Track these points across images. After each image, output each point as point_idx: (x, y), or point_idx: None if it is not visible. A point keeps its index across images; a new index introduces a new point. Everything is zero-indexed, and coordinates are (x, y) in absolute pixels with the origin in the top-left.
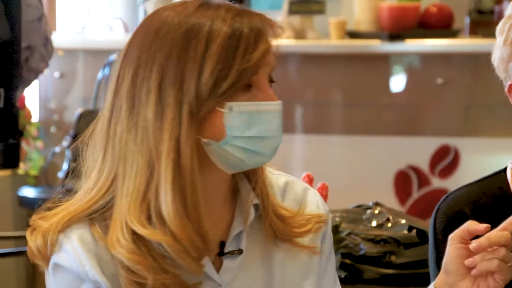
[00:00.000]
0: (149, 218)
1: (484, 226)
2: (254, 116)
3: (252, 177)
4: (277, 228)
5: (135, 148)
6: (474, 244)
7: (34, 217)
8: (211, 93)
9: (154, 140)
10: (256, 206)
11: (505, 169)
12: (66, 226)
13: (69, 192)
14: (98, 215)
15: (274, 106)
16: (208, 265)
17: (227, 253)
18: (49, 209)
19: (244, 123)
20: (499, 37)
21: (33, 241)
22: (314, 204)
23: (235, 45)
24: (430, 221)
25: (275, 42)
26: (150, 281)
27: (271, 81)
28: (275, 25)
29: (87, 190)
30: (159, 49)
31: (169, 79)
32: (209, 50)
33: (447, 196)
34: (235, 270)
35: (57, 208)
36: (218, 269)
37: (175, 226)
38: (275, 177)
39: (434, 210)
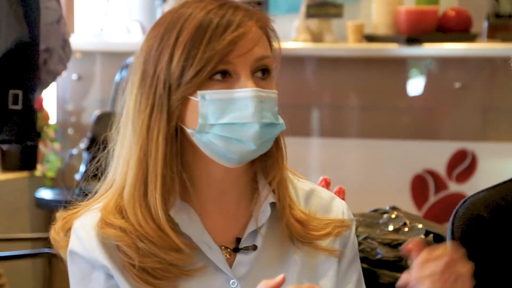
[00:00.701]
0: (122, 209)
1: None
2: (227, 104)
3: (269, 174)
4: (295, 231)
5: (125, 137)
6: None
7: (60, 213)
8: (179, 82)
9: (132, 130)
10: (273, 205)
11: None
12: (81, 215)
13: (92, 193)
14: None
15: (246, 92)
16: (219, 259)
17: (242, 249)
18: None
19: (218, 110)
20: None
21: (56, 232)
22: (340, 211)
23: (202, 34)
24: (448, 225)
25: (260, 34)
26: (137, 262)
27: (263, 71)
28: (259, 17)
29: (105, 184)
30: (148, 42)
31: (148, 70)
32: (179, 38)
33: (465, 201)
34: (248, 265)
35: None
36: (231, 264)
37: (131, 214)
38: (302, 183)
39: (452, 214)
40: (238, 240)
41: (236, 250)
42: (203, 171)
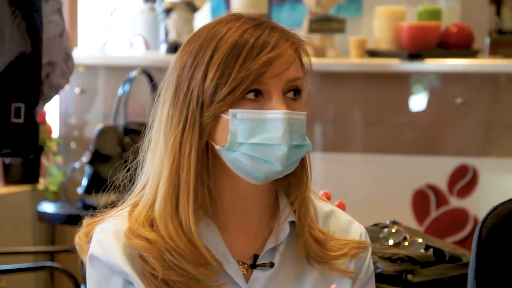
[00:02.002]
0: (152, 222)
1: None
2: (258, 124)
3: (291, 193)
4: (312, 250)
5: (156, 150)
6: None
7: (85, 220)
8: (212, 100)
9: (164, 145)
10: (292, 223)
11: None
12: (104, 221)
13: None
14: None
15: (277, 114)
16: (236, 273)
17: (259, 266)
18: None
19: (248, 129)
20: None
21: (79, 238)
22: (358, 234)
23: (238, 53)
24: (475, 232)
25: (294, 56)
26: (160, 274)
27: (294, 91)
28: (294, 39)
29: (133, 193)
30: (182, 58)
31: (181, 86)
32: (214, 56)
33: (495, 208)
34: (264, 282)
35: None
36: (247, 280)
37: (162, 227)
38: (322, 204)
39: (480, 221)
40: (256, 256)
41: (253, 266)
42: (229, 187)
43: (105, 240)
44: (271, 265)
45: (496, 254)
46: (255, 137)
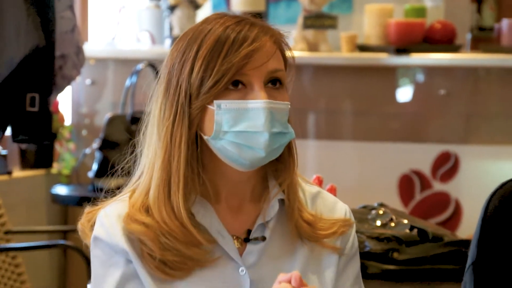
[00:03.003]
0: (148, 208)
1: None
2: (241, 113)
3: (279, 176)
4: (304, 231)
5: (152, 141)
6: None
7: (87, 208)
8: (198, 92)
9: (157, 135)
10: (281, 202)
11: None
12: (107, 205)
13: (118, 191)
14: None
15: (258, 104)
16: (231, 247)
17: (252, 240)
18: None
19: (232, 119)
20: None
21: (82, 224)
22: (343, 212)
23: (220, 48)
24: (482, 209)
25: (274, 48)
26: (158, 255)
27: (274, 81)
28: (273, 33)
29: (131, 183)
30: (172, 55)
31: (171, 81)
32: (199, 52)
33: (503, 184)
34: (256, 254)
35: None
36: (241, 253)
37: (156, 212)
38: (309, 186)
39: (487, 198)
40: (249, 232)
41: (246, 240)
42: (219, 173)
43: (108, 223)
44: (263, 238)
45: (500, 227)
46: (239, 125)
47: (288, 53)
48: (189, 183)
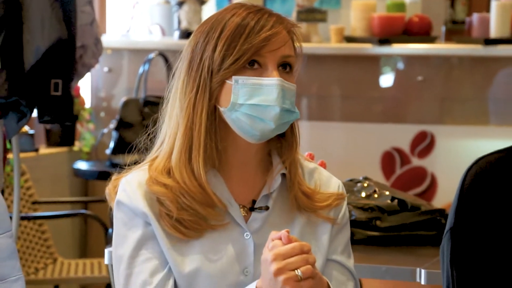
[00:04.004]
0: (169, 171)
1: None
2: (255, 89)
3: (283, 154)
4: (302, 202)
5: (173, 113)
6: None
7: (113, 175)
8: (219, 68)
9: (180, 107)
10: (283, 176)
11: None
12: (129, 173)
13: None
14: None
15: (271, 81)
16: (237, 214)
17: (256, 209)
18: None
19: (247, 93)
20: None
21: (109, 189)
22: (336, 186)
23: (241, 32)
24: (460, 181)
25: (288, 37)
26: (175, 214)
27: (284, 66)
28: (287, 24)
29: (151, 153)
30: (195, 37)
31: (195, 58)
32: (222, 33)
33: (478, 160)
34: (260, 221)
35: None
36: (247, 220)
37: (178, 174)
38: (307, 163)
39: (464, 171)
40: (254, 202)
41: (251, 209)
42: (231, 144)
43: (129, 188)
44: (266, 208)
45: (475, 198)
46: (253, 99)
47: (297, 44)
48: (207, 149)
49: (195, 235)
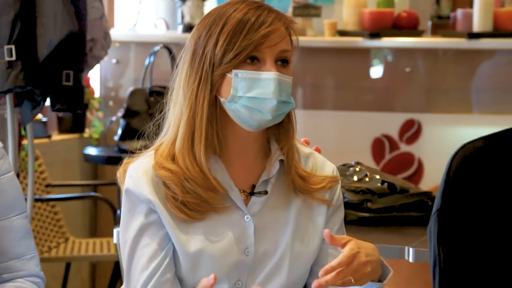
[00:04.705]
0: (173, 157)
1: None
2: (254, 82)
3: (281, 141)
4: (299, 185)
5: (177, 103)
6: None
7: (124, 160)
8: (220, 62)
9: (183, 96)
10: (281, 162)
11: None
12: (136, 160)
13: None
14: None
15: (270, 75)
16: (238, 198)
17: (255, 193)
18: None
19: (246, 86)
20: None
21: (120, 172)
22: (331, 170)
23: (241, 28)
24: (446, 165)
25: (285, 33)
26: (180, 197)
27: (283, 61)
28: (286, 20)
29: (158, 140)
30: (197, 31)
31: (197, 51)
32: (223, 29)
33: (464, 146)
34: (259, 205)
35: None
36: (247, 204)
37: (181, 160)
38: (303, 148)
39: (451, 157)
40: (253, 186)
41: (251, 193)
42: (231, 132)
43: (136, 175)
44: (265, 192)
45: (461, 182)
46: (252, 92)
47: (294, 38)
48: (209, 137)
49: (198, 217)
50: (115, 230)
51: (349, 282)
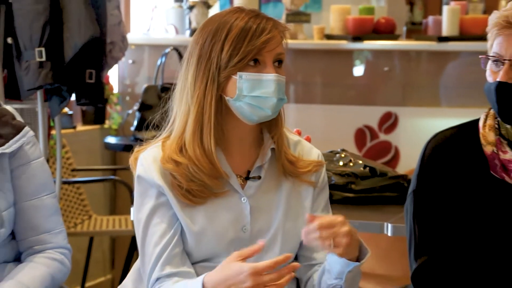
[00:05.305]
0: (181, 149)
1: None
2: (256, 82)
3: (272, 131)
4: (287, 168)
5: (182, 100)
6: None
7: (135, 148)
8: (226, 65)
9: (190, 95)
10: (273, 150)
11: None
12: (145, 150)
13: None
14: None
15: (270, 76)
16: (235, 183)
17: (250, 178)
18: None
19: (249, 86)
20: None
21: (131, 159)
22: (316, 155)
23: (245, 35)
24: (420, 152)
25: (281, 38)
26: (185, 186)
27: (279, 62)
28: (281, 27)
29: (164, 131)
30: (202, 36)
31: (204, 55)
32: (228, 36)
33: (436, 135)
34: (254, 188)
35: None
36: (243, 187)
37: (191, 152)
38: (292, 136)
39: (425, 144)
40: (249, 172)
41: (247, 178)
42: (233, 125)
43: (146, 163)
44: (259, 177)
45: (433, 166)
46: (255, 91)
47: (285, 42)
48: (216, 130)
49: (200, 202)
50: (131, 209)
51: (328, 245)
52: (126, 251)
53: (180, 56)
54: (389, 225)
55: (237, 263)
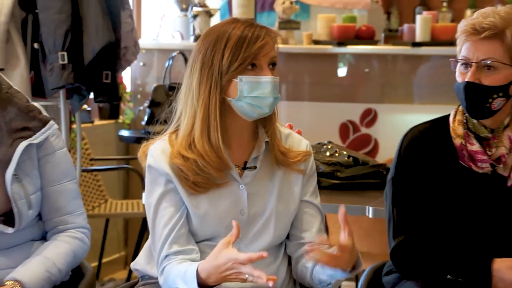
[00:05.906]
0: (190, 145)
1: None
2: (255, 84)
3: (266, 126)
4: (279, 159)
5: (187, 103)
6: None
7: (143, 142)
8: (228, 70)
9: (196, 99)
10: (267, 143)
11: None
12: (154, 142)
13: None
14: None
15: (267, 78)
16: (235, 173)
17: (247, 168)
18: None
19: (249, 88)
20: None
21: (140, 153)
22: (304, 146)
23: (242, 42)
24: (398, 144)
25: (273, 43)
26: (191, 178)
27: (273, 64)
28: (273, 34)
29: (170, 128)
30: (204, 46)
31: (206, 63)
32: (227, 44)
33: (411, 128)
34: (251, 177)
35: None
36: (241, 176)
37: (200, 148)
38: (283, 129)
39: (402, 137)
40: (245, 162)
41: (244, 168)
42: (233, 122)
43: (155, 154)
44: (255, 167)
45: (409, 156)
46: (254, 92)
47: (276, 46)
48: (221, 127)
49: (204, 191)
50: (143, 194)
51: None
52: (138, 231)
53: (185, 59)
54: (370, 208)
55: (225, 253)
